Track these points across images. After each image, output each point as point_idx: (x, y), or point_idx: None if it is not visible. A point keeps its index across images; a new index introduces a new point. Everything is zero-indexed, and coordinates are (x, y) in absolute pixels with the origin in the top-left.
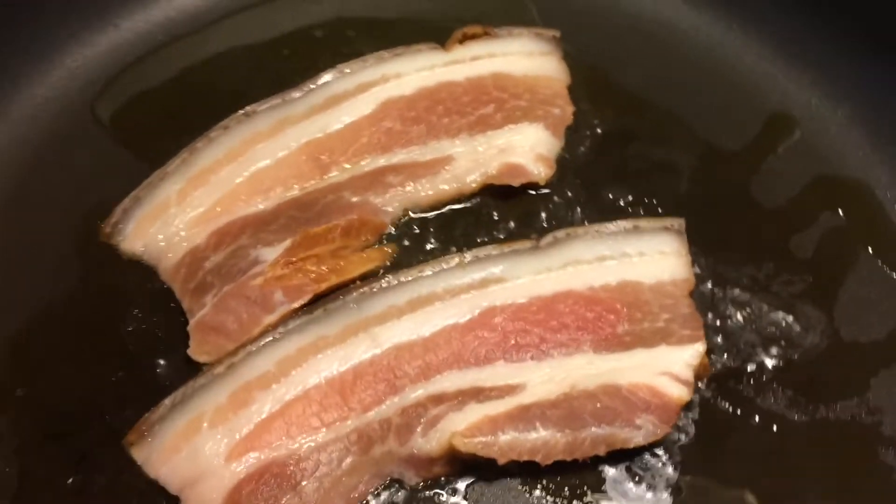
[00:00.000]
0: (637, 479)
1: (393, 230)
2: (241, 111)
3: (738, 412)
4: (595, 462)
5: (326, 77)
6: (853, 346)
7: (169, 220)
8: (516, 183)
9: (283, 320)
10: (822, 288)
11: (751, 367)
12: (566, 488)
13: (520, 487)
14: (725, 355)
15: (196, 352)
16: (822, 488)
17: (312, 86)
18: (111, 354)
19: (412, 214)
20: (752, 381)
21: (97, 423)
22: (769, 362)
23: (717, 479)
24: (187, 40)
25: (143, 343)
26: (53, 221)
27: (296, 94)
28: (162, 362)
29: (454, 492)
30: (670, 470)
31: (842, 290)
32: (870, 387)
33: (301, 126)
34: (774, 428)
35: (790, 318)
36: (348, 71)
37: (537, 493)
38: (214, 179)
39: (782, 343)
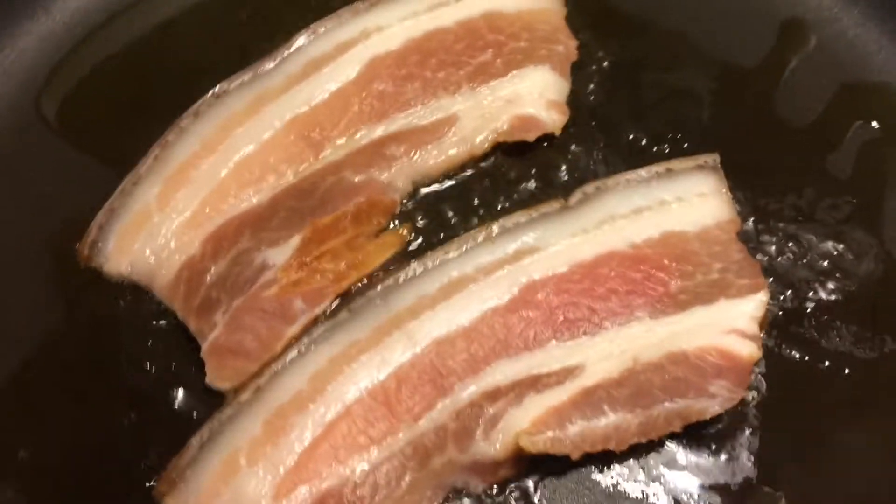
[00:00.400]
0: (714, 448)
1: (404, 208)
2: (210, 93)
3: (806, 358)
4: (668, 437)
5: (300, 40)
6: None
7: (154, 231)
8: (531, 137)
9: (307, 330)
10: (868, 209)
11: (809, 307)
12: (641, 470)
13: (593, 477)
14: (781, 297)
15: (215, 379)
16: None
17: (286, 52)
18: (118, 395)
19: (422, 189)
20: (813, 322)
21: (118, 477)
22: (827, 298)
23: (798, 436)
24: (129, 15)
25: (151, 377)
26: (18, 250)
27: (269, 64)
28: (178, 395)
29: (524, 493)
30: (748, 434)
31: (888, 208)
32: None
33: (281, 101)
34: (846, 370)
35: (841, 247)
36: (323, 30)
37: (611, 479)
38: (196, 176)
39: (837, 275)
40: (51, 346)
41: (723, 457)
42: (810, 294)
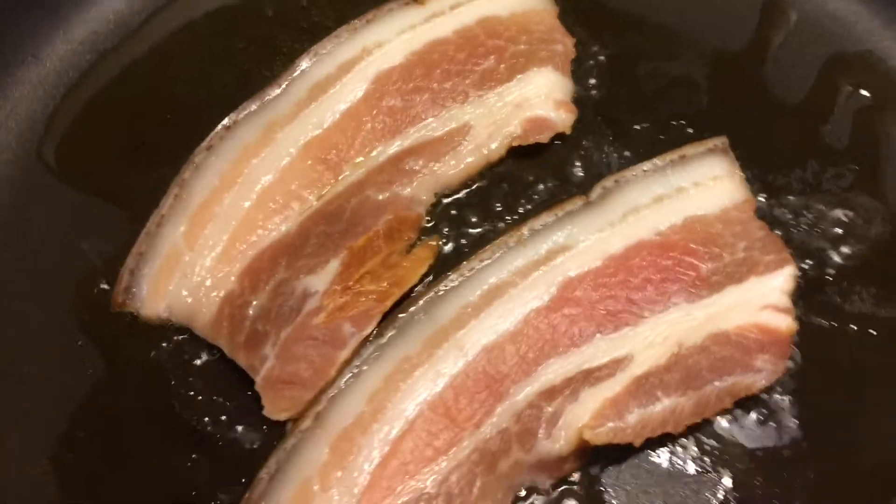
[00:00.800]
0: (761, 420)
1: (429, 220)
2: (220, 125)
3: (834, 324)
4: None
5: (303, 64)
6: None
7: (187, 271)
8: (544, 138)
9: (358, 352)
10: (869, 174)
11: (829, 274)
12: (695, 447)
13: (651, 459)
14: (802, 268)
15: (273, 411)
16: None
17: (290, 77)
18: (176, 438)
19: (444, 199)
20: (835, 288)
21: None
22: (844, 264)
23: (836, 398)
24: (120, 53)
25: (207, 416)
26: (47, 303)
27: (274, 91)
28: (237, 431)
29: (591, 481)
30: (789, 401)
31: (887, 171)
32: None
33: (293, 127)
34: (873, 331)
35: (850, 214)
36: (325, 52)
37: (668, 458)
38: (220, 211)
39: (850, 241)
40: (99, 398)
41: (770, 425)
42: (828, 261)
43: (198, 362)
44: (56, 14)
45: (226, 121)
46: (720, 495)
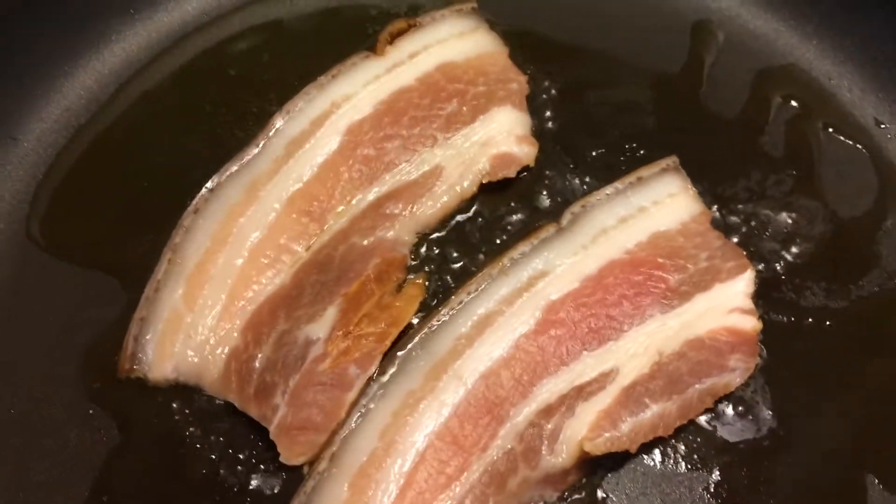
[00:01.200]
0: (739, 415)
1: (413, 259)
2: (204, 188)
3: (792, 319)
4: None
5: (278, 123)
6: (851, 221)
7: (191, 332)
8: (511, 173)
9: (363, 392)
10: (807, 178)
11: (782, 272)
12: (683, 447)
13: (645, 462)
14: (757, 270)
15: (289, 457)
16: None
17: (266, 137)
18: (197, 494)
19: (425, 238)
20: (789, 286)
21: None
22: (795, 262)
23: (802, 386)
24: (93, 127)
25: (225, 468)
26: (52, 378)
27: (252, 150)
28: (257, 480)
29: (594, 489)
30: (761, 396)
31: (823, 174)
32: (881, 253)
33: (275, 183)
34: (828, 322)
35: (794, 216)
36: (297, 109)
37: (660, 460)
38: (214, 271)
39: (797, 240)
40: (116, 465)
41: (748, 418)
42: (778, 260)
43: (210, 418)
44: (30, 94)
45: (209, 183)
46: (711, 489)
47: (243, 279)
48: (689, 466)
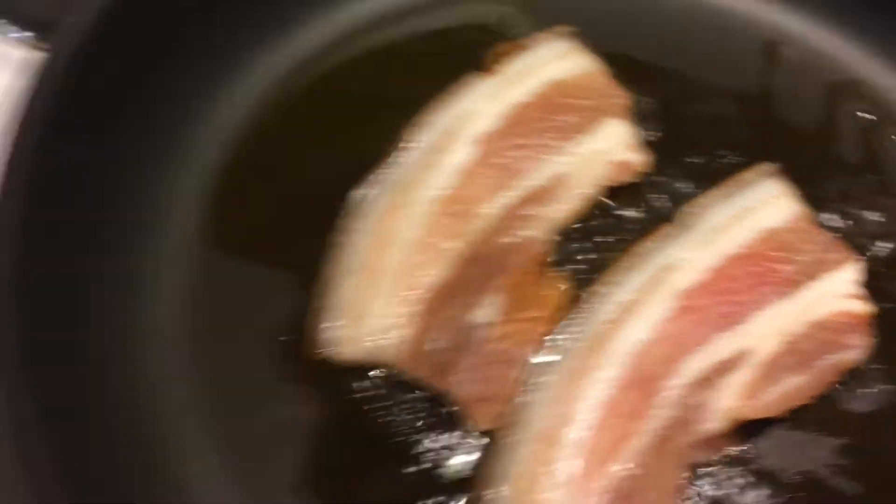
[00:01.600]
0: (846, 385)
1: (554, 255)
2: (359, 196)
3: (889, 305)
4: None
5: (414, 137)
6: None
7: (367, 318)
8: (628, 178)
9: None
10: (889, 181)
11: (875, 265)
12: (815, 414)
13: (786, 426)
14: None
15: (476, 424)
16: None
17: (405, 149)
18: (398, 462)
19: (556, 238)
20: (887, 276)
21: None
22: (885, 257)
23: None
24: (245, 142)
25: (415, 435)
26: (250, 370)
27: (396, 160)
28: (443, 444)
29: (743, 455)
30: (878, 372)
31: None
32: None
33: (420, 189)
34: None
35: (877, 214)
36: (429, 123)
37: (801, 425)
38: (380, 266)
39: (883, 234)
40: (326, 439)
41: (858, 391)
42: (871, 254)
43: (395, 391)
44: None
45: (363, 190)
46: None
47: (407, 272)
48: (823, 430)
